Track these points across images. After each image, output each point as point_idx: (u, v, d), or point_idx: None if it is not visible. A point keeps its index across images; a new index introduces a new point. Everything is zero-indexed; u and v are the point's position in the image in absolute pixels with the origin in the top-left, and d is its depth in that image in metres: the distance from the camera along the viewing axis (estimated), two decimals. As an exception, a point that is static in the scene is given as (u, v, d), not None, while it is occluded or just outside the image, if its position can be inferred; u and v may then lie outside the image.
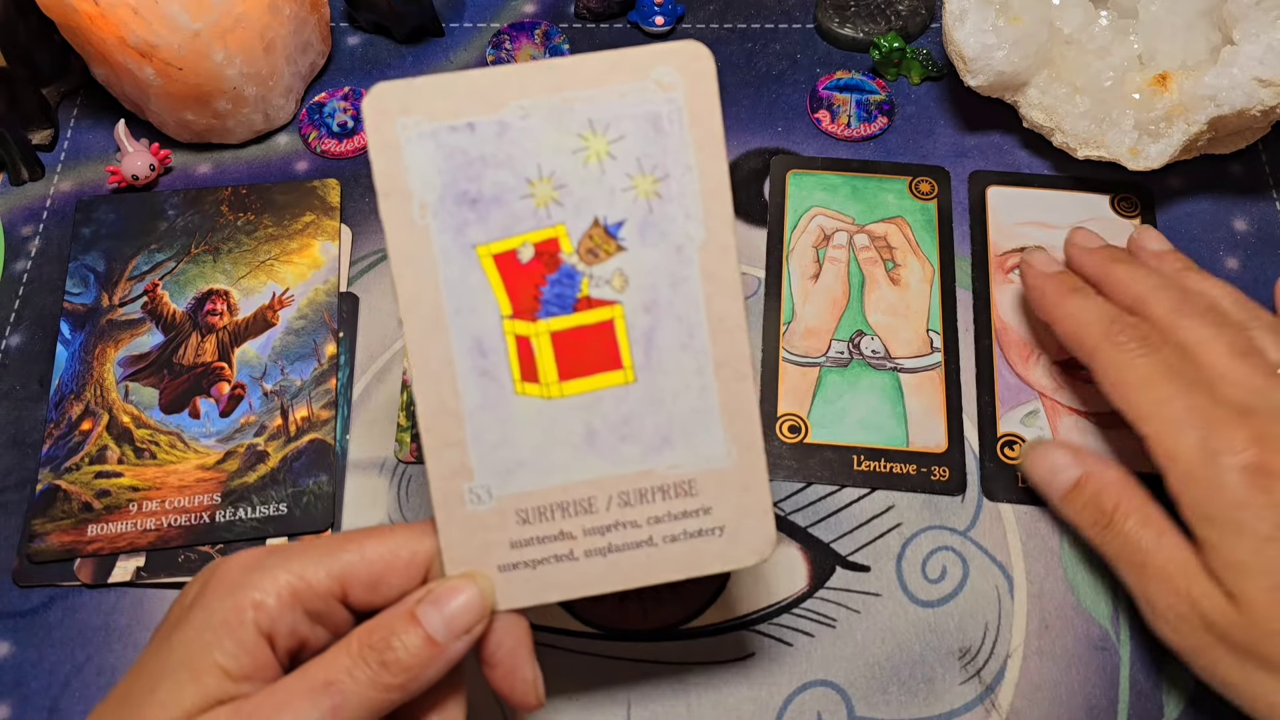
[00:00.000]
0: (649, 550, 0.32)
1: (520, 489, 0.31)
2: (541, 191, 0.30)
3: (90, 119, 0.52)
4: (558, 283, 0.31)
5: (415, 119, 0.30)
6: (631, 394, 0.31)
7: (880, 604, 0.40)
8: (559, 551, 0.31)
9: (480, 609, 0.30)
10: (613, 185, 0.30)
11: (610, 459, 0.31)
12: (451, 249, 0.30)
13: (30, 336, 0.46)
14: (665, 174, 0.31)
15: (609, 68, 0.30)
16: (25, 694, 0.38)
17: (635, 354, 0.31)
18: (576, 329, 0.31)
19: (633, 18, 0.54)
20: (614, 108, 0.30)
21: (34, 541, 0.40)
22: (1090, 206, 0.48)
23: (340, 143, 0.50)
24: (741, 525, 0.32)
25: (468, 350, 0.31)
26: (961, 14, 0.46)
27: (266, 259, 0.47)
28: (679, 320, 0.31)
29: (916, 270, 0.46)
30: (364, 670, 0.28)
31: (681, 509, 0.32)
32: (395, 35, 0.53)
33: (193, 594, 0.30)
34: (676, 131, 0.30)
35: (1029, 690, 0.38)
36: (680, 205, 0.31)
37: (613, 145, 0.30)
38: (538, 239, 0.31)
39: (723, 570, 0.32)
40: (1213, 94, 0.43)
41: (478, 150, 0.30)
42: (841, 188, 0.48)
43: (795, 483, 0.42)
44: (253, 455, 0.42)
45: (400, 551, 0.31)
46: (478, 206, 0.30)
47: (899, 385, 0.44)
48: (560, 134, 0.30)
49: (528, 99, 0.30)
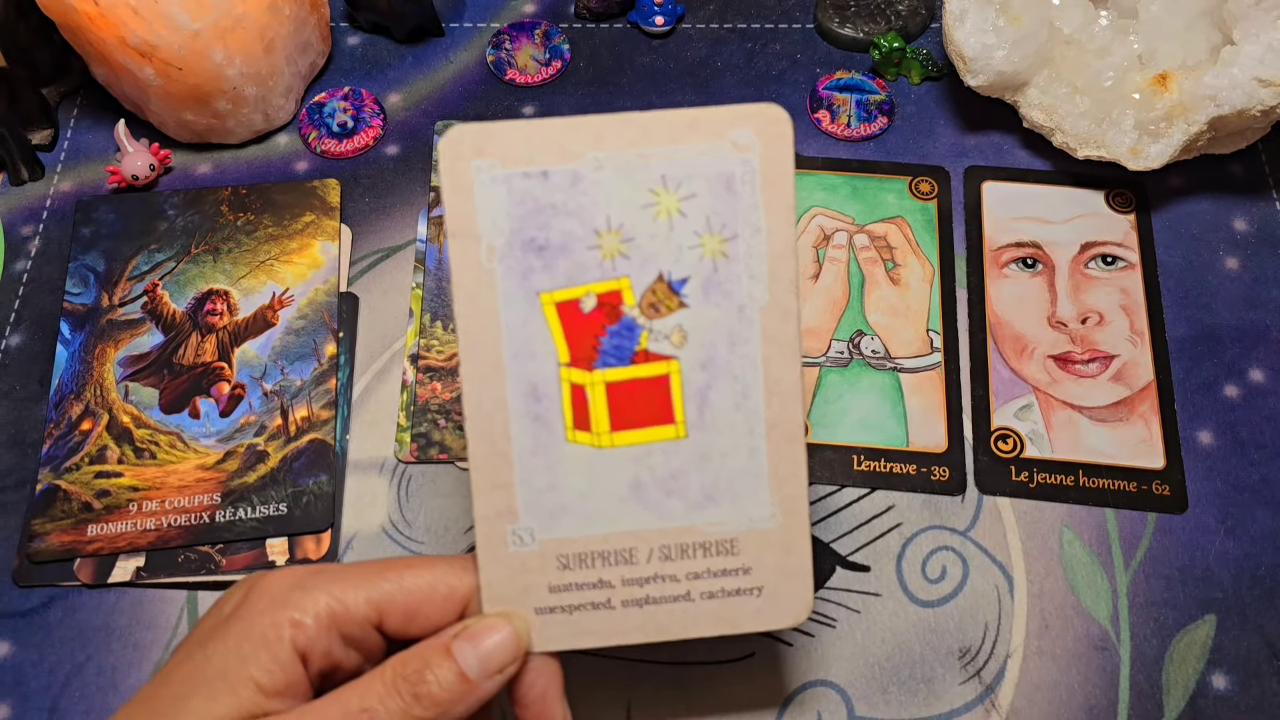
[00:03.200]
0: (685, 605, 0.32)
1: (563, 534, 0.31)
2: (609, 243, 0.30)
3: (90, 119, 0.52)
4: (617, 334, 0.31)
5: (490, 162, 0.30)
6: (681, 449, 0.31)
7: (880, 604, 0.40)
8: (596, 599, 0.31)
9: (515, 649, 0.30)
10: (680, 242, 0.31)
11: (655, 512, 0.31)
12: (515, 294, 0.30)
13: (30, 336, 0.46)
14: (734, 234, 0.31)
15: (687, 126, 0.30)
16: (25, 694, 0.38)
17: (688, 410, 0.31)
18: (632, 381, 0.31)
19: (633, 17, 0.54)
20: (688, 165, 0.30)
21: (34, 541, 0.40)
22: (1085, 202, 0.48)
23: (340, 143, 0.50)
24: (780, 587, 0.32)
25: (523, 394, 0.31)
26: (961, 14, 0.46)
27: (266, 259, 0.46)
28: (735, 380, 0.31)
29: (916, 270, 0.46)
30: (396, 700, 0.29)
31: (721, 567, 0.32)
32: (395, 35, 0.53)
33: (232, 605, 0.31)
34: (748, 193, 0.30)
35: (1029, 690, 0.38)
36: (746, 266, 0.31)
37: (684, 202, 0.30)
38: (601, 290, 0.31)
39: (757, 630, 0.32)
40: (1213, 94, 0.43)
41: (549, 198, 0.30)
42: (841, 188, 0.48)
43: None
44: (253, 455, 0.42)
45: (439, 585, 0.31)
46: (544, 254, 0.30)
47: (899, 385, 0.44)
48: (632, 188, 0.30)
49: (604, 151, 0.30)
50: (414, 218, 0.48)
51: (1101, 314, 0.45)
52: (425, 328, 0.45)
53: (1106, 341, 0.44)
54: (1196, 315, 0.45)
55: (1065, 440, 0.42)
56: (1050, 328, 0.45)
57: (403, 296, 0.46)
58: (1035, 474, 0.42)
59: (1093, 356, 0.44)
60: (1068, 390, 0.43)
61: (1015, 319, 0.45)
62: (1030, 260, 0.46)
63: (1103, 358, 0.44)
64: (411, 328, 0.45)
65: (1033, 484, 0.41)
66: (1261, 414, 0.43)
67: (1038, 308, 0.45)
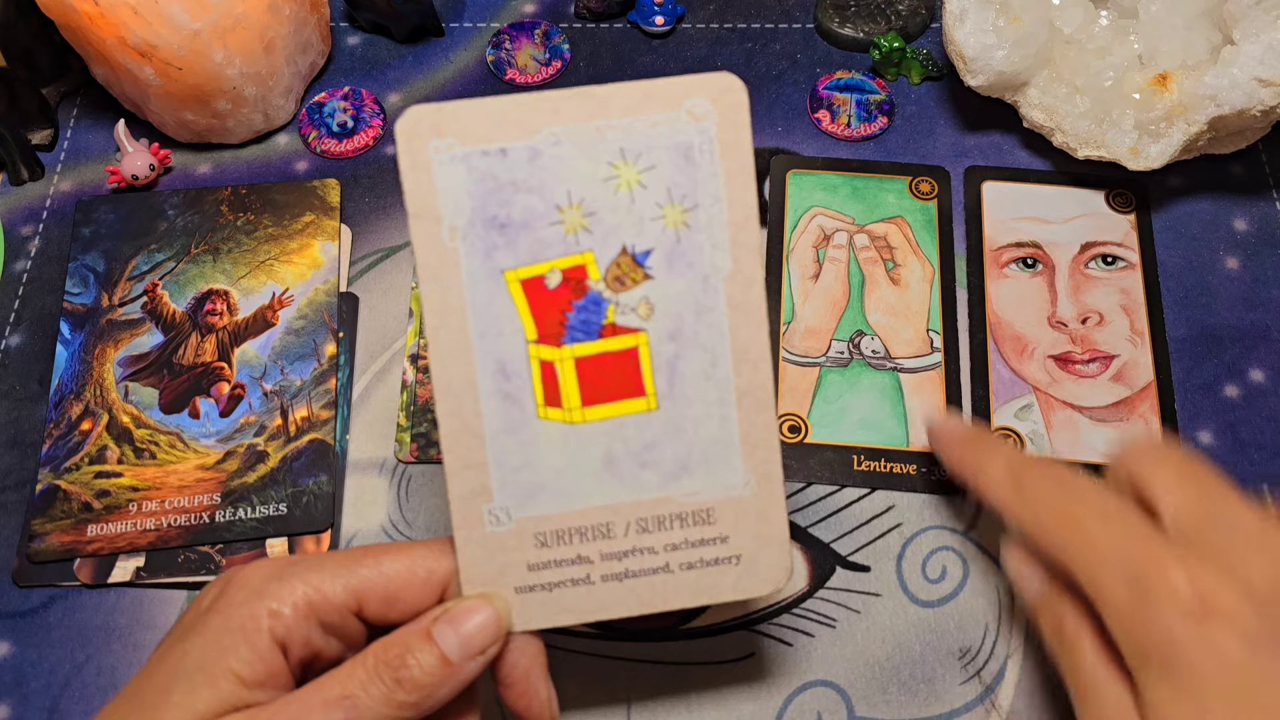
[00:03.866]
0: (665, 577, 0.32)
1: (539, 512, 0.31)
2: (571, 218, 0.31)
3: (90, 119, 0.52)
4: (584, 309, 0.31)
5: (448, 142, 0.30)
6: (653, 421, 0.31)
7: (880, 604, 0.40)
8: (576, 575, 0.32)
9: (496, 630, 0.30)
10: (642, 214, 0.31)
11: (629, 485, 0.32)
12: (479, 273, 0.30)
13: (30, 336, 0.46)
14: (694, 204, 0.31)
15: (642, 97, 0.30)
16: (25, 694, 0.38)
17: (658, 382, 0.31)
18: (601, 355, 0.31)
19: (633, 17, 0.54)
20: (646, 137, 0.30)
21: (34, 541, 0.40)
22: (1085, 202, 0.48)
23: (340, 143, 0.50)
24: (758, 554, 0.32)
25: (492, 373, 0.31)
26: (961, 14, 0.46)
27: (266, 259, 0.46)
28: (703, 349, 0.31)
29: (916, 270, 0.46)
30: (379, 686, 0.29)
31: (699, 537, 0.32)
32: (395, 35, 0.53)
33: (210, 599, 0.31)
34: (707, 162, 0.30)
35: (1029, 690, 0.38)
36: (708, 235, 0.31)
37: (643, 174, 0.30)
38: (565, 265, 0.31)
39: (738, 599, 0.32)
40: (1213, 94, 0.43)
41: (509, 175, 0.30)
42: (841, 188, 0.48)
43: (795, 483, 0.42)
44: (252, 455, 0.42)
45: (417, 569, 0.31)
46: (507, 231, 0.30)
47: (899, 385, 0.44)
48: (592, 162, 0.30)
49: (560, 126, 0.30)
50: (414, 218, 0.48)
51: (1102, 314, 0.45)
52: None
53: (1107, 341, 0.44)
54: (1196, 315, 0.45)
55: (1065, 440, 0.42)
56: (1050, 328, 0.45)
57: (403, 296, 0.46)
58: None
59: (1093, 356, 0.44)
60: (1068, 390, 0.43)
61: (1015, 319, 0.45)
62: (1030, 260, 0.46)
63: (1103, 358, 0.44)
64: (411, 328, 0.45)
65: None
66: (1261, 414, 0.43)
67: (1038, 308, 0.45)
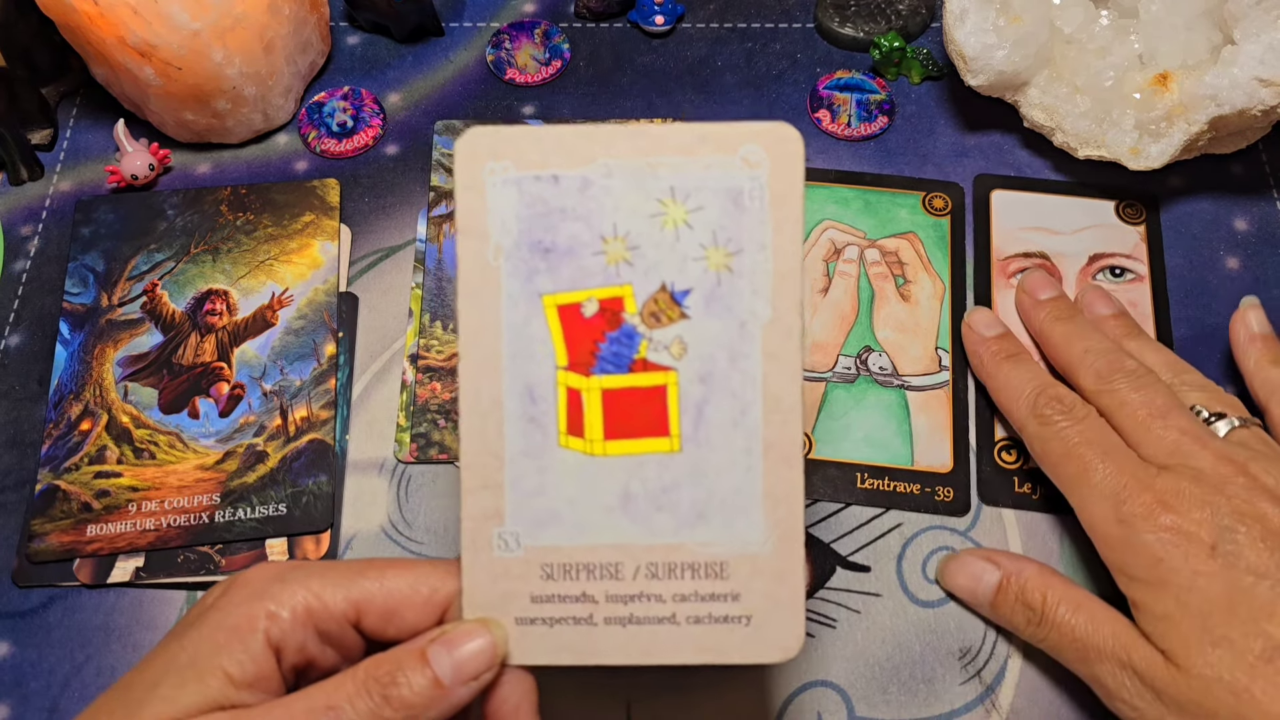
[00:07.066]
0: (670, 629, 0.31)
1: (549, 542, 0.31)
2: (614, 250, 0.31)
3: (90, 119, 0.52)
4: (617, 341, 0.31)
5: (503, 164, 0.30)
6: (674, 463, 0.31)
7: (880, 604, 0.40)
8: (579, 614, 0.31)
9: (491, 658, 0.30)
10: (685, 253, 0.30)
11: (643, 526, 0.31)
12: (518, 294, 0.31)
13: (29, 336, 0.46)
14: (739, 249, 0.30)
15: (698, 139, 0.30)
16: (25, 694, 0.38)
17: (684, 423, 0.31)
18: (629, 390, 0.31)
19: (633, 17, 0.54)
20: (698, 178, 0.30)
21: (33, 541, 0.40)
22: (1095, 212, 0.47)
23: (340, 142, 0.50)
24: (770, 618, 0.31)
25: (519, 395, 0.31)
26: (962, 13, 0.46)
27: (266, 259, 0.46)
28: (733, 396, 0.31)
29: (927, 287, 0.46)
30: (365, 701, 0.28)
31: (710, 590, 0.31)
32: (395, 35, 0.53)
33: (213, 598, 0.31)
34: (756, 209, 0.30)
35: (1029, 690, 0.38)
36: (750, 282, 0.31)
37: (691, 214, 0.30)
38: (604, 295, 0.31)
39: (743, 663, 0.31)
40: (1213, 94, 0.43)
41: (559, 202, 0.30)
42: (854, 201, 0.48)
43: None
44: (252, 455, 0.42)
45: (420, 587, 0.31)
46: (550, 256, 0.30)
47: (905, 403, 0.43)
48: (641, 196, 0.30)
49: (614, 159, 0.30)
50: (414, 218, 0.48)
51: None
52: (425, 328, 0.45)
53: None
54: (1197, 315, 0.45)
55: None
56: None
57: (402, 296, 0.46)
58: (1039, 486, 0.41)
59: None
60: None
61: (1022, 330, 0.45)
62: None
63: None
64: (411, 328, 0.45)
65: (1035, 495, 0.41)
66: (1261, 413, 0.43)
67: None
